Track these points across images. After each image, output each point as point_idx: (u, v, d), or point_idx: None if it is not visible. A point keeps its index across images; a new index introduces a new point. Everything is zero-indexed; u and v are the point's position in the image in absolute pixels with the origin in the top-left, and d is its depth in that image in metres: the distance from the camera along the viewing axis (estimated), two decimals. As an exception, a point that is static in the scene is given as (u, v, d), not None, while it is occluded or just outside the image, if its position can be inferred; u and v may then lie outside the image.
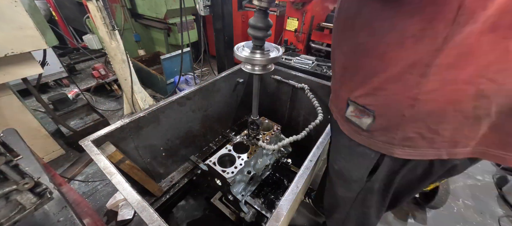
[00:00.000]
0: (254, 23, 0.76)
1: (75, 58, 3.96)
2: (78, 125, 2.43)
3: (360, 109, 0.70)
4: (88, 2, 1.82)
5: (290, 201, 0.82)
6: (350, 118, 0.75)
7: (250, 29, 0.79)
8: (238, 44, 0.89)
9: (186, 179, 1.70)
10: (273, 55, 0.84)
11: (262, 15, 0.76)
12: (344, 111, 0.76)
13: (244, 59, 0.84)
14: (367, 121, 0.69)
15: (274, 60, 0.85)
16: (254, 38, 0.81)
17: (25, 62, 1.58)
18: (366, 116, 0.69)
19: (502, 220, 1.80)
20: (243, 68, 0.91)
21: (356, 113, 0.72)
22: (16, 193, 0.58)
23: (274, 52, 0.86)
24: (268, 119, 1.58)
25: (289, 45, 3.05)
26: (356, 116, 0.72)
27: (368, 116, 0.68)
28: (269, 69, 0.89)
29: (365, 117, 0.69)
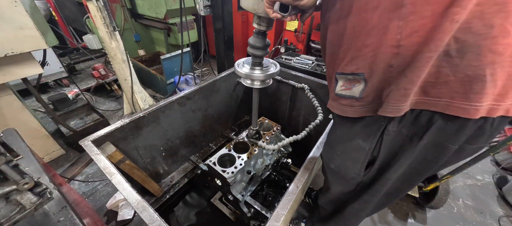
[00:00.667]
0: (253, 44, 0.83)
1: (75, 58, 3.97)
2: (78, 125, 2.43)
3: (349, 79, 0.67)
4: (88, 2, 1.82)
5: (290, 201, 0.82)
6: (341, 93, 0.71)
7: (249, 48, 0.86)
8: (238, 61, 0.97)
9: (186, 179, 1.70)
10: (271, 71, 0.92)
11: (261, 37, 0.82)
12: (334, 89, 0.73)
13: (244, 75, 0.91)
14: (359, 88, 0.65)
15: (272, 76, 0.93)
16: (254, 56, 0.88)
17: (25, 62, 1.58)
18: (357, 84, 0.65)
19: (502, 220, 1.80)
20: (243, 82, 0.97)
21: (346, 86, 0.69)
22: (16, 193, 0.59)
23: (272, 69, 0.94)
24: (268, 119, 1.58)
25: (289, 45, 3.05)
26: (346, 89, 0.69)
27: (359, 82, 0.65)
28: (267, 83, 0.96)
29: (356, 84, 0.66)
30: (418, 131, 0.65)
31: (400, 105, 0.59)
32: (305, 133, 1.23)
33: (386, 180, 0.82)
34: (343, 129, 0.82)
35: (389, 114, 0.62)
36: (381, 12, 0.53)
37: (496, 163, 2.32)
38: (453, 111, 0.56)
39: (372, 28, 0.56)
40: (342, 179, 0.95)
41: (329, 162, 0.96)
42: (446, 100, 0.56)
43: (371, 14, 0.55)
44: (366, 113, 0.69)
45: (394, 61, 0.55)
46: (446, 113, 0.57)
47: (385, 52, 0.55)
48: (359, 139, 0.77)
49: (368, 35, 0.57)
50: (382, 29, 0.54)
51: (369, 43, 0.57)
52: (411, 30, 0.50)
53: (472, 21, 0.46)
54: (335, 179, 1.00)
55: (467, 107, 0.54)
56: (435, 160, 0.70)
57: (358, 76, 0.63)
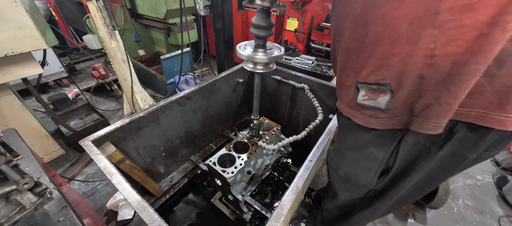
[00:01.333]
0: (257, 23, 0.78)
1: (75, 58, 3.97)
2: (78, 125, 2.43)
3: (373, 89, 0.62)
4: (88, 2, 1.82)
5: (290, 201, 0.81)
6: (363, 103, 0.66)
7: (252, 28, 0.80)
8: (240, 43, 0.90)
9: (186, 179, 1.70)
10: (275, 54, 0.86)
11: (264, 15, 0.77)
12: (355, 99, 0.68)
13: (246, 57, 0.85)
14: (385, 99, 0.61)
15: (276, 59, 0.86)
16: (257, 37, 0.82)
17: (25, 62, 1.58)
18: (382, 94, 0.61)
19: (502, 220, 1.80)
20: (245, 66, 0.92)
21: (369, 95, 0.64)
22: (16, 193, 0.58)
23: (276, 51, 0.87)
24: (268, 119, 1.58)
25: (289, 45, 3.05)
26: (370, 99, 0.64)
27: (385, 93, 0.60)
28: (270, 68, 0.90)
29: (381, 95, 0.61)
30: (437, 141, 0.63)
31: (442, 122, 0.56)
32: (305, 133, 1.23)
33: (399, 189, 0.80)
34: (354, 137, 0.79)
35: (429, 131, 0.58)
36: (412, 19, 0.48)
37: (496, 163, 2.32)
38: (486, 122, 0.53)
39: (400, 36, 0.51)
40: (352, 186, 0.92)
41: (338, 169, 0.93)
42: (479, 111, 0.53)
43: (399, 21, 0.50)
44: (393, 126, 0.65)
45: (426, 72, 0.51)
46: (478, 124, 0.54)
47: (416, 62, 0.51)
48: (373, 148, 0.74)
49: (394, 44, 0.53)
50: (413, 37, 0.49)
51: (396, 53, 0.53)
52: (448, 39, 0.46)
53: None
54: (344, 186, 0.97)
55: (503, 119, 0.51)
56: (452, 168, 0.69)
57: (383, 86, 0.59)
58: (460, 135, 0.58)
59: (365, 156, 0.77)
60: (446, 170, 0.70)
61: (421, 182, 0.76)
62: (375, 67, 0.59)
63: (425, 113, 0.57)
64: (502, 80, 0.48)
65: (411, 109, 0.59)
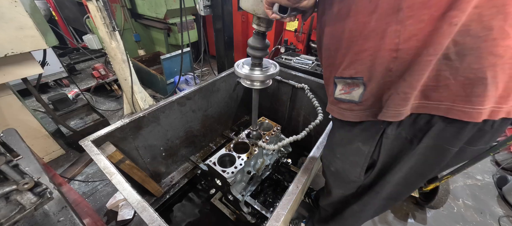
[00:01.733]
0: (253, 44, 0.83)
1: (75, 58, 3.97)
2: (78, 125, 2.43)
3: (348, 83, 0.66)
4: (88, 2, 1.82)
5: (290, 201, 0.82)
6: (340, 97, 0.71)
7: (249, 49, 0.86)
8: (237, 61, 0.97)
9: (186, 179, 1.70)
10: (271, 72, 0.92)
11: (260, 37, 0.82)
12: (333, 94, 0.73)
13: (243, 76, 0.91)
14: (358, 92, 0.65)
15: (272, 77, 0.93)
16: (253, 57, 0.88)
17: (25, 62, 1.58)
18: (356, 87, 0.65)
19: (502, 220, 1.80)
20: (243, 83, 0.97)
21: (345, 89, 0.68)
22: (16, 193, 0.58)
23: (271, 69, 0.94)
24: (268, 119, 1.58)
25: (289, 45, 3.05)
26: (346, 93, 0.68)
27: (358, 87, 0.64)
28: (267, 84, 0.96)
29: (355, 88, 0.65)
30: (417, 134, 0.65)
31: (400, 110, 0.59)
32: (305, 133, 1.23)
33: (386, 183, 0.82)
34: (342, 132, 0.82)
35: (389, 118, 0.61)
36: (379, 16, 0.52)
37: (496, 163, 2.32)
38: (455, 115, 0.55)
39: (370, 32, 0.55)
40: (343, 182, 0.95)
41: (330, 165, 0.96)
42: (448, 104, 0.55)
43: (368, 18, 0.54)
44: (366, 117, 0.68)
45: (393, 65, 0.55)
46: (448, 117, 0.57)
47: (384, 56, 0.55)
48: (359, 142, 0.77)
49: (366, 39, 0.57)
50: (380, 33, 0.53)
51: (367, 47, 0.57)
52: (410, 34, 0.50)
53: (471, 24, 0.46)
54: (336, 182, 1.00)
55: (469, 111, 0.53)
56: (436, 162, 0.70)
57: (357, 80, 0.63)
58: (438, 128, 0.61)
59: (352, 150, 0.80)
60: (431, 164, 0.72)
61: (408, 177, 0.78)
62: (349, 62, 0.63)
63: (387, 103, 0.61)
64: (465, 73, 0.51)
65: (380, 101, 0.63)
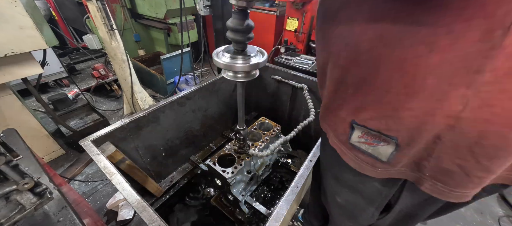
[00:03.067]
0: (232, 25, 0.68)
1: (75, 58, 3.97)
2: (78, 125, 2.43)
3: (373, 135, 0.52)
4: (88, 2, 1.82)
5: (290, 201, 0.82)
6: (359, 146, 0.56)
7: (228, 32, 0.71)
8: (217, 49, 0.80)
9: (186, 179, 1.70)
10: (256, 61, 0.74)
11: (240, 16, 0.67)
12: (348, 136, 0.57)
13: (223, 65, 0.75)
14: (387, 150, 0.51)
15: (257, 67, 0.75)
16: (234, 41, 0.73)
17: (25, 62, 1.58)
18: (384, 143, 0.51)
19: (502, 220, 1.80)
20: (224, 75, 0.82)
21: (367, 139, 0.53)
22: (16, 193, 0.58)
23: (257, 57, 0.76)
24: (268, 119, 1.58)
25: (289, 45, 3.05)
26: (367, 143, 0.54)
27: (387, 143, 0.50)
28: (253, 75, 0.80)
29: (382, 144, 0.51)
30: None
31: (468, 192, 0.49)
32: (294, 133, 1.22)
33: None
34: (353, 172, 0.67)
35: (453, 200, 0.52)
36: (442, 73, 0.39)
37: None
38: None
39: (422, 90, 0.41)
40: (352, 218, 0.85)
41: (335, 195, 0.84)
42: None
43: (424, 72, 0.40)
44: (395, 176, 0.57)
45: (444, 134, 0.43)
46: None
47: (436, 122, 0.43)
48: (376, 182, 0.65)
49: (413, 96, 0.43)
50: (438, 95, 0.40)
51: (413, 107, 0.44)
52: (482, 103, 0.38)
53: None
54: (344, 216, 0.89)
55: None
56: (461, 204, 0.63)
57: (388, 138, 0.50)
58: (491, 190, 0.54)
59: (367, 188, 0.69)
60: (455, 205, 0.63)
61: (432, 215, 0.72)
62: (380, 114, 0.48)
63: (444, 179, 0.49)
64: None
65: (418, 166, 0.52)
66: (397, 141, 0.48)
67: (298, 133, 1.24)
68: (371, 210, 0.75)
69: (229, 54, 0.75)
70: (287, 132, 1.26)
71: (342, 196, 0.81)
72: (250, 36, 0.71)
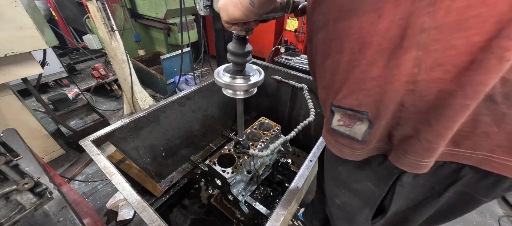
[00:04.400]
0: (233, 50, 0.74)
1: (75, 58, 3.97)
2: (78, 125, 2.43)
3: (348, 115, 0.53)
4: (88, 2, 1.82)
5: (290, 201, 0.82)
6: (338, 129, 0.57)
7: (229, 55, 0.77)
8: (217, 69, 0.87)
9: (186, 179, 1.70)
10: (255, 80, 0.83)
11: (241, 42, 0.74)
12: (329, 122, 0.59)
13: (224, 85, 0.82)
14: (361, 128, 0.53)
15: (256, 85, 0.83)
16: (234, 63, 0.79)
17: (25, 62, 1.59)
18: (358, 122, 0.52)
19: (502, 220, 1.80)
20: (224, 92, 0.88)
21: (344, 121, 0.55)
22: (16, 193, 0.58)
23: (255, 76, 0.85)
24: (268, 119, 1.58)
25: (289, 45, 3.05)
26: (345, 125, 0.55)
27: (361, 121, 0.52)
28: (251, 93, 0.87)
29: (357, 123, 0.53)
30: (441, 182, 0.56)
31: (422, 161, 0.48)
32: (294, 133, 1.22)
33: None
34: (347, 168, 0.71)
35: (406, 168, 0.52)
36: (392, 37, 0.40)
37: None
38: (493, 168, 0.46)
39: (379, 58, 0.43)
40: (350, 220, 0.87)
41: (334, 197, 0.86)
42: (484, 154, 0.46)
43: (378, 38, 0.41)
44: (371, 154, 0.58)
45: (406, 99, 0.44)
46: (481, 168, 0.48)
47: (396, 88, 0.43)
48: (368, 182, 0.67)
49: (372, 65, 0.44)
50: (394, 59, 0.41)
51: (374, 75, 0.44)
52: (434, 63, 0.38)
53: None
54: (342, 219, 0.92)
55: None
56: (464, 209, 0.62)
57: (360, 114, 0.50)
58: (468, 179, 0.52)
59: (362, 187, 0.71)
60: (458, 209, 0.63)
61: (429, 219, 0.71)
62: (350, 90, 0.50)
63: (403, 146, 0.50)
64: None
65: (389, 137, 0.53)
66: (368, 116, 0.49)
67: (298, 133, 1.24)
68: (365, 212, 0.76)
69: (229, 74, 0.83)
70: (287, 132, 1.26)
71: (340, 197, 0.83)
72: (248, 59, 0.78)
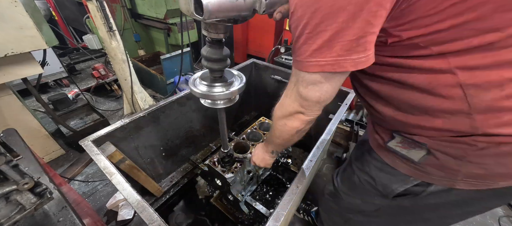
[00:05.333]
0: (208, 55, 0.65)
1: (75, 58, 3.97)
2: (78, 125, 2.43)
3: (408, 141, 0.58)
4: (88, 2, 1.82)
5: (290, 201, 0.82)
6: (395, 149, 0.63)
7: (204, 61, 0.67)
8: (193, 76, 0.77)
9: (186, 179, 1.70)
10: (234, 88, 0.72)
11: (216, 46, 0.65)
12: (385, 142, 0.65)
13: (201, 95, 0.72)
14: (418, 154, 0.57)
15: (237, 93, 0.74)
16: (211, 70, 0.69)
17: (25, 62, 1.58)
18: (417, 148, 0.57)
19: (502, 220, 1.80)
20: (203, 103, 0.78)
21: (403, 145, 0.60)
22: (16, 193, 0.58)
23: (236, 83, 0.75)
24: (268, 119, 1.58)
25: (289, 45, 3.05)
26: (403, 147, 0.60)
27: (420, 148, 0.56)
28: (233, 100, 0.78)
29: (416, 149, 0.57)
30: None
31: None
32: None
33: None
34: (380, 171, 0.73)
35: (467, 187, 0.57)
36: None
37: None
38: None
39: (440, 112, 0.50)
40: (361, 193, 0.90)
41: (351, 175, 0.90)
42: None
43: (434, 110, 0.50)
44: (426, 179, 0.61)
45: (471, 152, 0.50)
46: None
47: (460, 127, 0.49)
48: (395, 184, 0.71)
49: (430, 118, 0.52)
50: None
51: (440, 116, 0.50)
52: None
53: None
54: (352, 192, 0.93)
55: None
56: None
57: (418, 144, 0.56)
58: None
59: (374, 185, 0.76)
60: None
61: None
62: (419, 128, 0.55)
63: (472, 180, 0.54)
64: None
65: (453, 172, 0.55)
66: (427, 147, 0.54)
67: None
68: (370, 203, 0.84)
69: (206, 82, 0.72)
70: (287, 132, 1.25)
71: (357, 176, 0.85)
72: (227, 63, 0.69)
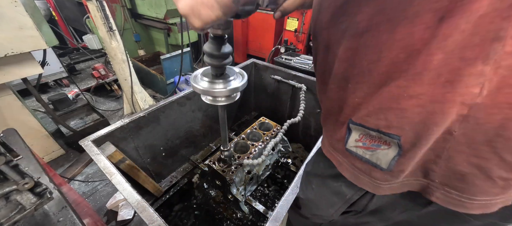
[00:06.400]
0: (210, 51, 0.65)
1: (75, 58, 3.97)
2: (78, 125, 2.43)
3: (371, 136, 0.43)
4: (88, 2, 1.82)
5: (290, 201, 0.82)
6: (356, 151, 0.47)
7: (206, 57, 0.68)
8: (195, 72, 0.78)
9: (186, 179, 1.70)
10: (237, 85, 0.74)
11: (217, 42, 0.65)
12: (344, 141, 0.49)
13: (202, 91, 0.72)
14: (387, 155, 0.42)
15: (238, 90, 0.75)
16: (213, 67, 0.70)
17: (25, 62, 1.59)
18: (384, 146, 0.42)
19: None
20: (204, 100, 0.80)
21: (364, 142, 0.45)
22: (16, 193, 0.58)
23: (238, 80, 0.76)
24: (268, 119, 1.58)
25: (289, 45, 3.05)
26: (365, 147, 0.45)
27: (388, 146, 0.42)
28: (234, 98, 0.79)
29: (382, 147, 0.43)
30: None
31: (493, 199, 0.39)
32: (281, 135, 1.23)
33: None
34: (328, 164, 0.61)
35: (475, 211, 0.41)
36: (454, 47, 0.30)
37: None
38: None
39: (427, 70, 0.33)
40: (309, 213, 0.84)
41: (300, 192, 0.84)
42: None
43: (430, 46, 0.32)
44: (397, 190, 0.48)
45: (456, 127, 0.35)
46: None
47: (446, 111, 0.34)
48: (343, 183, 0.59)
49: (416, 80, 0.34)
50: (448, 74, 0.31)
51: (417, 94, 0.35)
52: (504, 82, 0.30)
53: None
54: (305, 210, 0.87)
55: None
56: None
57: (388, 137, 0.41)
58: None
59: (332, 189, 0.64)
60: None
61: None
62: (378, 107, 0.40)
63: (460, 185, 0.40)
64: None
65: (425, 171, 0.43)
66: (400, 141, 0.39)
67: (298, 133, 1.24)
68: (330, 212, 0.74)
69: (208, 78, 0.73)
70: (287, 132, 1.26)
71: (305, 194, 0.80)
72: (229, 60, 0.69)
